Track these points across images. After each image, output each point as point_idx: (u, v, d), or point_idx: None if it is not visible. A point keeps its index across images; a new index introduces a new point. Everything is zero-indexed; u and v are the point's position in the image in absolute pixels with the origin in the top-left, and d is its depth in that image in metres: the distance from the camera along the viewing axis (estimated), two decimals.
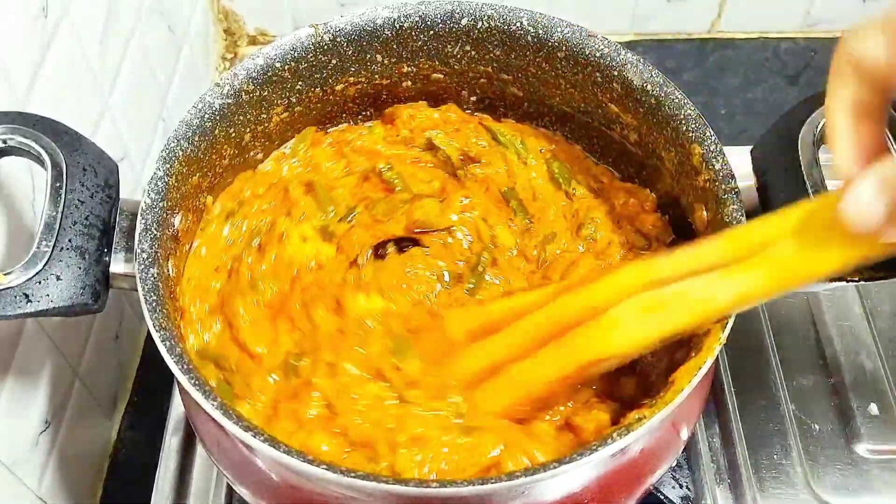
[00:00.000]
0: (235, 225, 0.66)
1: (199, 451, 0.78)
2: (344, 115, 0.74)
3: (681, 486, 0.71)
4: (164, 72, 0.98)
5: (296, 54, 0.66)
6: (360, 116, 0.74)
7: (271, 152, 0.71)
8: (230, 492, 0.76)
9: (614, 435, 0.48)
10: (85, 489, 0.83)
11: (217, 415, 0.49)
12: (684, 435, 0.59)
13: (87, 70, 0.78)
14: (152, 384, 0.90)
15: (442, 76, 0.72)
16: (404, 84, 0.72)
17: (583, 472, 0.51)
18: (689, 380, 0.50)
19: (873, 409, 0.72)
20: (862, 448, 0.71)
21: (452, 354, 0.57)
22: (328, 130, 0.73)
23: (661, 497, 0.70)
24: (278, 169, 0.70)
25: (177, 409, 0.81)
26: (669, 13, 1.15)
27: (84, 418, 0.82)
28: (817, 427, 0.73)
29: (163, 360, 0.51)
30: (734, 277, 0.49)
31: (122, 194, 0.60)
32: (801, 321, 0.77)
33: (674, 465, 0.61)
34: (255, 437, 0.48)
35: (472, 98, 0.74)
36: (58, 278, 0.54)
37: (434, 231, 0.66)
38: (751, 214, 0.58)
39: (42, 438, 0.74)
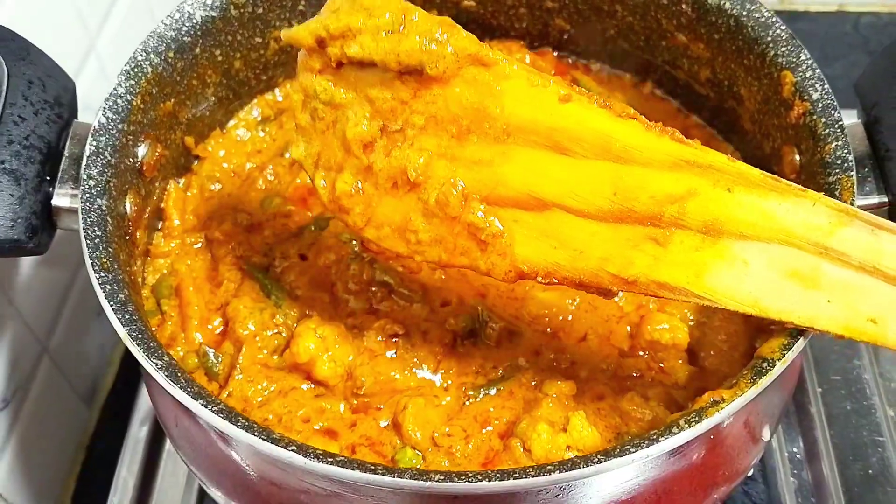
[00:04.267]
0: (267, 132, 0.61)
1: (169, 446, 0.68)
2: None
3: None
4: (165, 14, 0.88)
5: None
6: None
7: (270, 90, 0.60)
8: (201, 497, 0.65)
9: (681, 422, 0.36)
10: (52, 483, 0.73)
11: (161, 377, 0.38)
12: (765, 435, 0.47)
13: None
14: (139, 371, 0.80)
15: (474, 3, 0.61)
16: (430, 11, 0.61)
17: (632, 474, 0.39)
18: (783, 354, 0.38)
19: None
20: None
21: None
22: None
23: None
24: None
25: (146, 397, 0.70)
26: None
27: (54, 402, 0.72)
28: None
29: None
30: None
31: None
32: None
33: (749, 474, 0.49)
34: (215, 412, 0.37)
35: (510, 34, 0.63)
36: None
37: None
38: (859, 158, 0.46)
39: None
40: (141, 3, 0.81)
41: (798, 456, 0.62)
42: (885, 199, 0.46)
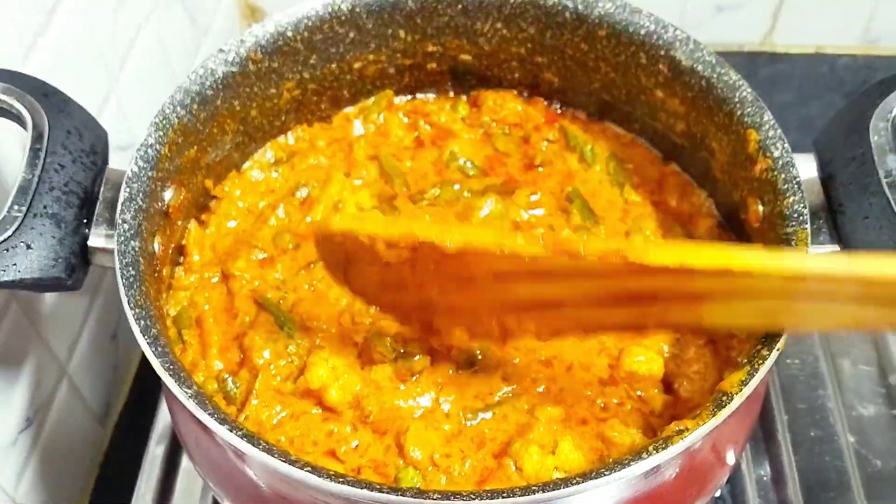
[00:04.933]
0: (280, 173, 0.66)
1: (185, 462, 0.72)
2: (361, 99, 0.68)
3: None
4: (181, 64, 0.93)
5: (310, 23, 0.61)
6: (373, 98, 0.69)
7: (282, 133, 0.65)
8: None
9: (650, 448, 0.41)
10: (68, 496, 0.76)
11: (191, 405, 0.43)
12: (730, 460, 0.52)
13: (93, 46, 0.74)
14: (152, 390, 0.84)
15: (470, 58, 0.67)
16: (429, 66, 0.67)
17: (610, 493, 0.44)
18: (741, 389, 0.43)
19: None
20: None
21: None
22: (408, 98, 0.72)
23: None
24: (345, 125, 0.69)
25: (164, 413, 0.75)
26: (720, 22, 1.08)
27: (71, 421, 0.76)
28: (879, 463, 0.65)
29: None
30: None
31: None
32: (862, 345, 0.69)
33: (716, 496, 0.53)
34: (232, 432, 0.42)
35: (504, 84, 0.68)
36: (28, 247, 0.49)
37: None
38: (814, 211, 0.52)
39: (21, 437, 0.68)
40: (156, 46, 0.86)
41: (765, 478, 0.66)
42: (838, 248, 0.51)
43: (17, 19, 0.62)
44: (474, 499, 0.40)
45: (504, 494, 0.40)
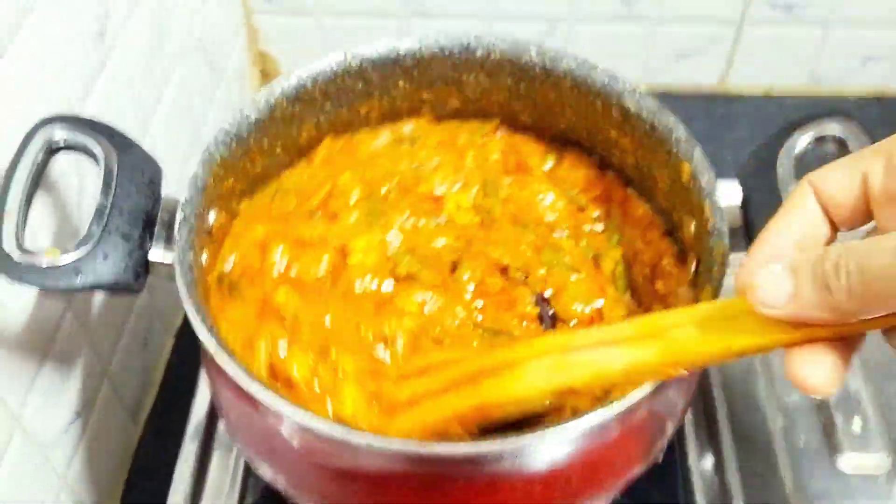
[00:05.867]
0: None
1: (214, 458, 0.84)
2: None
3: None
4: (201, 104, 1.05)
5: (326, 76, 0.73)
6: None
7: (298, 163, 0.77)
8: (243, 494, 0.81)
9: (597, 408, 0.53)
10: (108, 484, 0.87)
11: (243, 379, 0.54)
12: (668, 429, 0.63)
13: (133, 93, 0.86)
14: (175, 393, 0.95)
15: (458, 103, 0.78)
16: (423, 110, 0.79)
17: (571, 441, 0.56)
18: None
19: (856, 424, 0.76)
20: (844, 462, 0.75)
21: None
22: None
23: None
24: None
25: (196, 415, 0.86)
26: (679, 67, 1.22)
27: (110, 417, 0.87)
28: (802, 439, 0.77)
29: (185, 368, 0.56)
30: (631, 350, 0.52)
31: None
32: None
33: (659, 458, 0.65)
34: (276, 397, 0.53)
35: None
36: (105, 257, 0.61)
37: None
38: (735, 228, 0.64)
39: (72, 428, 0.79)
40: (180, 90, 0.99)
41: (709, 464, 0.78)
42: None
43: (77, 72, 0.74)
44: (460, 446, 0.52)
45: (485, 443, 0.52)
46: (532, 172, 0.77)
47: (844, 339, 0.45)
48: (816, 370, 0.44)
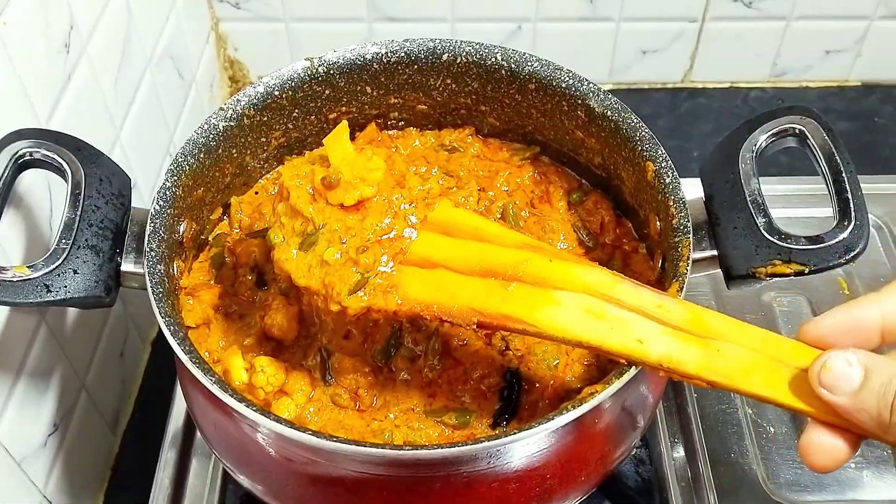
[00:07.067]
0: None
1: (193, 465, 0.84)
2: None
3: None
4: (172, 111, 1.06)
5: (293, 84, 0.73)
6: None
7: (269, 172, 0.78)
8: (222, 500, 0.81)
9: (569, 406, 0.54)
10: (88, 494, 0.87)
11: (216, 389, 0.55)
12: (640, 422, 0.64)
13: (102, 103, 0.86)
14: (152, 403, 0.95)
15: (426, 107, 0.79)
16: (392, 114, 0.80)
17: (543, 441, 0.56)
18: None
19: None
20: None
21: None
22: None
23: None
24: None
25: (175, 422, 0.86)
26: (645, 64, 1.23)
27: (89, 427, 0.87)
28: (772, 430, 0.78)
29: (162, 376, 0.56)
30: (673, 341, 0.52)
31: None
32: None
33: (632, 451, 0.66)
34: (251, 409, 0.54)
35: (457, 127, 0.81)
36: (75, 272, 0.61)
37: None
38: (698, 224, 0.65)
39: (50, 440, 0.79)
40: (151, 98, 0.99)
41: (679, 452, 0.79)
42: (715, 253, 0.64)
43: (43, 84, 0.74)
44: (435, 449, 0.53)
45: (459, 445, 0.53)
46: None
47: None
48: (827, 454, 0.47)
